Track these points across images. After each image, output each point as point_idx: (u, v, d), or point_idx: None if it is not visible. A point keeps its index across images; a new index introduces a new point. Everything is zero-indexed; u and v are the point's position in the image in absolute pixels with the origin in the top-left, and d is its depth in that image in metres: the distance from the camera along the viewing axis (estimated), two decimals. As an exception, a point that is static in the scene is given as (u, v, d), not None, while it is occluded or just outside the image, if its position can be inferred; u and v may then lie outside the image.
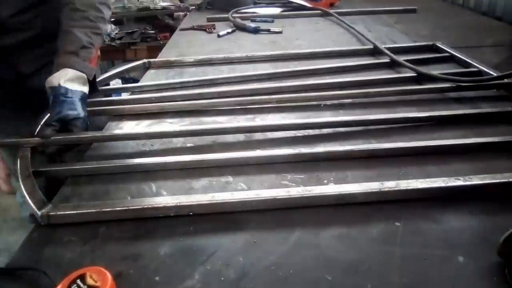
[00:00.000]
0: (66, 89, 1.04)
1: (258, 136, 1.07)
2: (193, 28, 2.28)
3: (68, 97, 1.03)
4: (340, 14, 2.32)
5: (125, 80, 2.96)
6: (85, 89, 1.09)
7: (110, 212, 0.78)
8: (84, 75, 1.09)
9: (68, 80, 1.05)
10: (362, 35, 1.87)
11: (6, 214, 2.34)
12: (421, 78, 1.36)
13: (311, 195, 0.80)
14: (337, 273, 0.65)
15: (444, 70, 1.45)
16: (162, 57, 1.78)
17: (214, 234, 0.75)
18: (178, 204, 0.78)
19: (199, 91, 1.34)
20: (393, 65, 1.51)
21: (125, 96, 1.48)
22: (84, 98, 1.08)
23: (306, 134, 1.07)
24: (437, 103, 1.21)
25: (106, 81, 1.47)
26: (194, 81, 1.45)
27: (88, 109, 1.10)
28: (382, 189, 0.80)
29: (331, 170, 0.91)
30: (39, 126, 1.05)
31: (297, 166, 0.93)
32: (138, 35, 3.47)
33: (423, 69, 1.40)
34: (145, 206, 0.78)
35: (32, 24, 1.24)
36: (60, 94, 1.03)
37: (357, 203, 0.80)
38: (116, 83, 2.78)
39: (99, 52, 1.23)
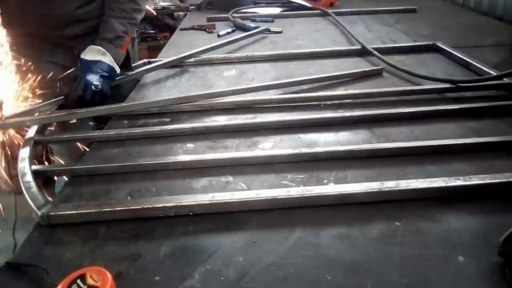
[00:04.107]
0: (96, 67, 1.22)
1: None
2: (193, 28, 2.28)
3: (94, 76, 1.20)
4: (340, 14, 2.32)
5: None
6: (116, 67, 1.28)
7: (110, 212, 0.78)
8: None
9: (101, 57, 1.25)
10: (353, 36, 1.85)
11: (6, 214, 2.33)
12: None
13: (311, 195, 0.80)
14: (337, 273, 0.65)
15: (444, 70, 1.45)
16: (162, 57, 1.78)
17: (214, 234, 0.75)
18: (178, 204, 0.78)
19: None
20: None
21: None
22: (112, 75, 1.27)
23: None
24: (436, 103, 1.20)
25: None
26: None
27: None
28: (382, 189, 0.80)
29: (331, 170, 0.91)
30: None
31: (297, 166, 0.93)
32: (138, 35, 3.46)
33: (423, 69, 1.41)
34: (145, 206, 0.78)
35: (94, 14, 1.37)
36: (89, 69, 1.21)
37: (357, 203, 0.80)
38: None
39: (133, 35, 1.51)
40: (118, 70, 1.30)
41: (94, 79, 1.19)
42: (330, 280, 0.64)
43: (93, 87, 1.17)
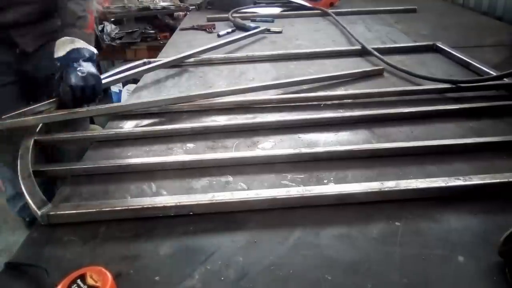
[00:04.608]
0: (74, 56, 1.16)
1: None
2: (193, 28, 2.28)
3: (76, 63, 1.15)
4: (340, 14, 2.32)
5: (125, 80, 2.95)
6: (91, 48, 1.23)
7: (110, 212, 0.78)
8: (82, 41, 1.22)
9: (72, 45, 1.18)
10: (353, 36, 1.85)
11: (6, 214, 2.34)
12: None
13: (311, 195, 0.80)
14: (337, 273, 0.65)
15: (444, 70, 1.45)
16: (162, 56, 1.78)
17: (214, 234, 0.75)
18: (178, 204, 0.78)
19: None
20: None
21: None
22: (92, 56, 1.21)
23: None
24: (436, 103, 1.20)
25: (108, 85, 1.47)
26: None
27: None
28: (382, 189, 0.80)
29: (331, 169, 0.91)
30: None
31: (297, 166, 0.93)
32: (138, 35, 3.46)
33: (423, 69, 1.40)
34: (145, 206, 0.78)
35: None
36: (69, 61, 1.15)
37: (357, 203, 0.80)
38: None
39: (94, 13, 1.38)
40: (94, 50, 1.26)
41: (75, 66, 1.16)
42: (330, 280, 0.64)
43: (78, 73, 1.14)
